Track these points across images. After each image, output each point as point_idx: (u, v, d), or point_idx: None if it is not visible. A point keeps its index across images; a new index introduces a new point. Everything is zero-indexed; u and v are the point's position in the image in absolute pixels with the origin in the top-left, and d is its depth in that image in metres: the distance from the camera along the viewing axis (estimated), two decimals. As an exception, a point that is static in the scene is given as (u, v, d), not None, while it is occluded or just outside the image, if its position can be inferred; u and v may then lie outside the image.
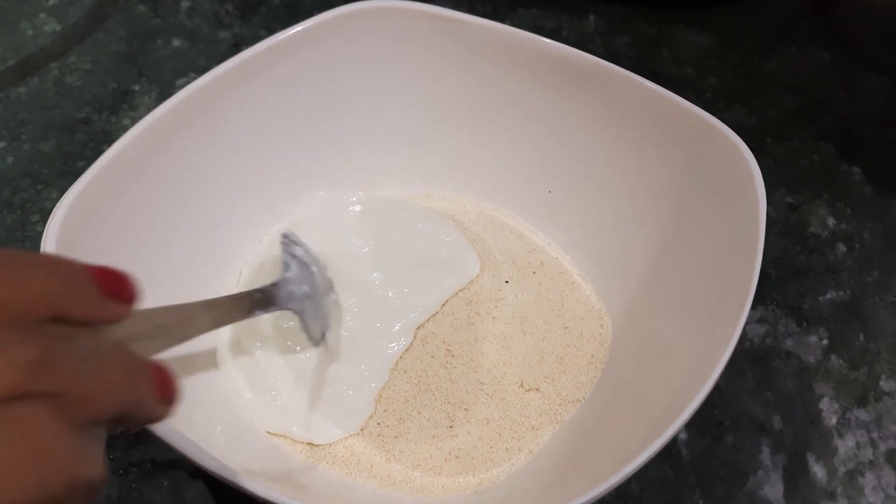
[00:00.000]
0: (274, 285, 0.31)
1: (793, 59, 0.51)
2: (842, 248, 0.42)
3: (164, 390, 0.17)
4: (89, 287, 0.16)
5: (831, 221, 0.43)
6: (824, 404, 0.36)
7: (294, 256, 0.33)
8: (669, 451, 0.35)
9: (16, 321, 0.14)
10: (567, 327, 0.37)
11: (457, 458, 0.33)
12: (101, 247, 0.31)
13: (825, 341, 0.38)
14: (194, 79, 0.34)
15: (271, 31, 0.52)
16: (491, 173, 0.42)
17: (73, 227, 0.29)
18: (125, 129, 0.44)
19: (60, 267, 0.16)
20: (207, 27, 0.52)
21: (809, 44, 0.52)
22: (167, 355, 0.32)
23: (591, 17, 0.53)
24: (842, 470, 0.34)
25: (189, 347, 0.33)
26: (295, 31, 0.36)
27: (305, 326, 0.32)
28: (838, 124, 0.48)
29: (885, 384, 0.37)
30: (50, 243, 0.28)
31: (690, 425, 0.35)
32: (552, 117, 0.39)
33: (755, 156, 0.32)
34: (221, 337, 0.35)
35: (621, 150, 0.37)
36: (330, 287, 0.35)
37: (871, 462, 0.35)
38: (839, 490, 0.34)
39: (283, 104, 0.37)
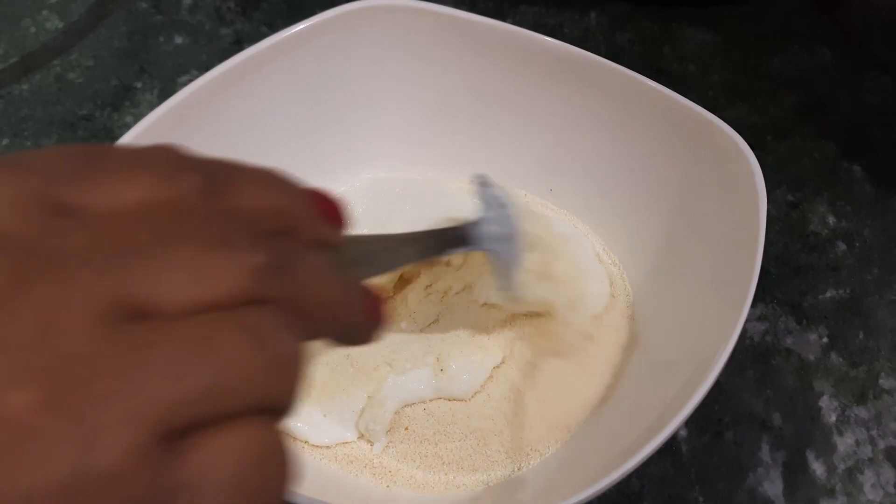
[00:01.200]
0: (473, 223, 0.29)
1: (796, 57, 0.51)
2: (842, 246, 0.42)
3: (375, 315, 0.16)
4: (310, 205, 0.16)
5: (832, 219, 0.43)
6: (824, 402, 0.36)
7: (490, 196, 0.30)
8: (670, 448, 0.35)
9: (246, 229, 0.14)
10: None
11: (459, 456, 0.33)
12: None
13: (825, 339, 0.39)
14: (196, 75, 0.34)
15: (273, 27, 0.52)
16: (492, 171, 0.42)
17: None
18: (127, 126, 0.44)
19: (283, 181, 0.16)
20: (209, 24, 0.52)
21: (813, 42, 0.52)
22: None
23: (593, 15, 0.53)
24: (841, 467, 0.35)
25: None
26: (298, 28, 0.36)
27: (498, 270, 0.30)
28: (840, 122, 0.48)
29: (884, 382, 0.37)
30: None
31: (691, 422, 0.35)
32: (553, 116, 0.39)
33: (756, 153, 0.32)
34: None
35: (622, 148, 0.37)
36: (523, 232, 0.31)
37: (870, 459, 0.35)
38: (838, 487, 0.34)
39: (285, 102, 0.38)
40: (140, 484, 0.10)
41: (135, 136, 0.32)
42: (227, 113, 0.35)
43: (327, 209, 0.16)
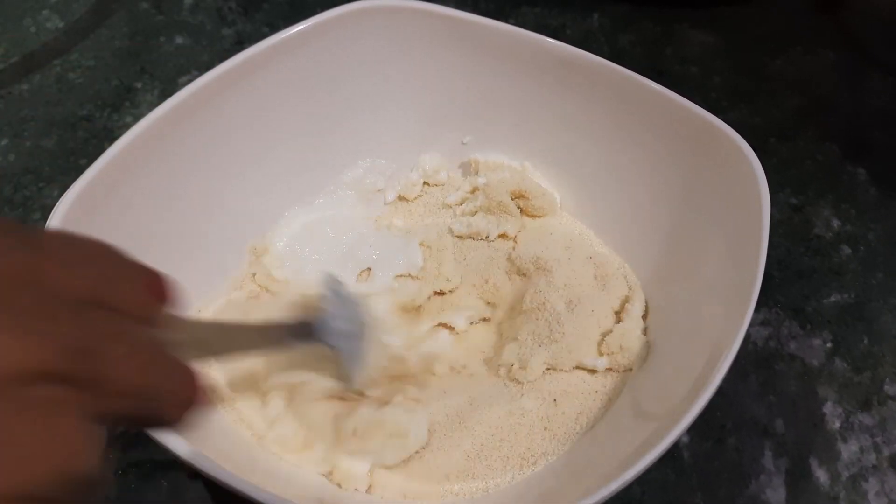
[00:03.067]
0: (320, 318, 0.30)
1: (798, 59, 0.51)
2: (846, 249, 0.42)
3: (191, 393, 0.17)
4: (137, 281, 0.16)
5: (835, 223, 0.43)
6: (828, 408, 0.36)
7: (337, 293, 0.31)
8: (671, 454, 0.34)
9: (62, 298, 0.14)
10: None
11: (457, 465, 0.32)
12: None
13: (829, 344, 0.38)
14: (197, 76, 0.34)
15: (274, 27, 0.51)
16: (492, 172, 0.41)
17: (74, 225, 0.29)
18: (127, 126, 0.44)
19: (115, 256, 0.16)
20: (211, 24, 0.52)
21: (815, 44, 0.52)
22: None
23: (596, 16, 0.53)
24: (845, 475, 0.34)
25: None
26: (298, 29, 0.36)
27: (341, 365, 0.31)
28: (843, 125, 0.48)
29: (889, 388, 0.37)
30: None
31: (692, 428, 0.34)
32: (555, 118, 0.39)
33: (759, 156, 0.32)
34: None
35: (625, 151, 0.37)
36: (371, 329, 0.32)
37: (874, 467, 0.34)
38: (842, 495, 0.34)
39: (285, 102, 0.37)
40: None
41: (135, 137, 0.32)
42: (227, 113, 0.35)
43: (154, 285, 0.17)
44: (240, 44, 0.51)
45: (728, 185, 0.32)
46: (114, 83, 0.48)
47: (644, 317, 0.36)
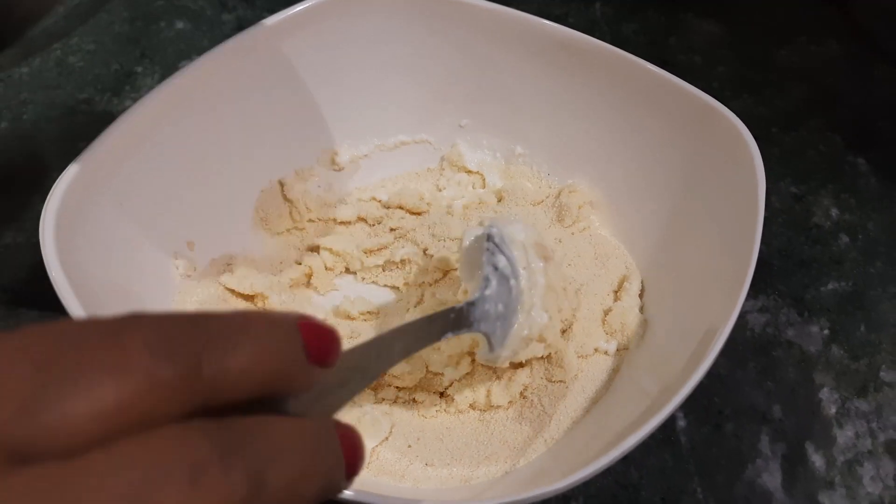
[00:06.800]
0: (470, 304, 0.28)
1: (803, 49, 0.51)
2: (845, 239, 0.42)
3: (353, 464, 0.16)
4: (300, 355, 0.15)
5: (835, 212, 0.43)
6: (824, 394, 0.36)
7: (496, 269, 0.29)
8: (669, 439, 0.34)
9: (223, 428, 0.13)
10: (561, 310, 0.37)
11: (448, 450, 0.32)
12: (100, 227, 0.31)
13: (826, 331, 0.38)
14: (197, 60, 0.34)
15: (274, 13, 0.51)
16: (492, 157, 0.41)
17: (72, 207, 0.29)
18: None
19: (273, 333, 0.14)
20: (211, 9, 0.52)
21: (820, 34, 0.52)
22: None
23: (598, 5, 0.53)
24: (841, 460, 0.34)
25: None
26: (296, 10, 0.36)
27: (490, 346, 0.29)
28: (847, 115, 0.47)
29: (885, 375, 0.37)
30: (48, 222, 0.28)
31: (690, 413, 0.35)
32: (556, 102, 0.39)
33: (761, 145, 0.32)
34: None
35: (624, 134, 0.37)
36: (519, 299, 0.29)
37: (869, 452, 0.34)
38: (838, 479, 0.34)
39: (282, 83, 0.37)
40: None
41: (132, 119, 0.32)
42: (225, 95, 0.35)
43: (317, 347, 0.15)
44: (240, 29, 0.50)
45: (725, 166, 0.32)
46: (114, 67, 0.48)
47: (640, 295, 0.36)
